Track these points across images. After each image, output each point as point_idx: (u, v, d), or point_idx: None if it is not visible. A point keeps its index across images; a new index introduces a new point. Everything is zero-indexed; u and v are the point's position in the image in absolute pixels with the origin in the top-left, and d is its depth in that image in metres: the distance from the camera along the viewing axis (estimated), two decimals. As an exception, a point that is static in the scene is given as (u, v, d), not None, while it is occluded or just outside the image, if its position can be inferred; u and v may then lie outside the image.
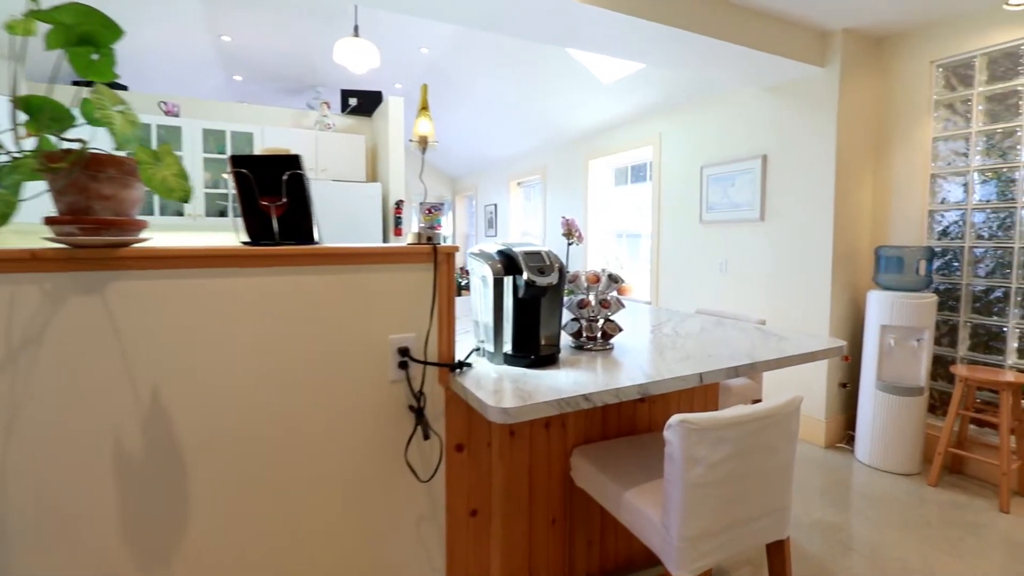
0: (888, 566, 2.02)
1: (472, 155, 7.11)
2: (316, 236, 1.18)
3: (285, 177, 1.11)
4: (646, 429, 1.71)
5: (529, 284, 1.31)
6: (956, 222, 2.89)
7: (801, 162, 3.19)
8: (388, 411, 1.23)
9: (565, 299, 1.59)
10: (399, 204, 3.58)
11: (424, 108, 1.28)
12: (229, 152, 4.09)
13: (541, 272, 1.33)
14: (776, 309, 3.35)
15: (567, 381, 1.22)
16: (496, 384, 1.20)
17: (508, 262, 1.35)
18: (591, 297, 1.58)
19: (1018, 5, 2.20)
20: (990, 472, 2.67)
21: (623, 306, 1.59)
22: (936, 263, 2.97)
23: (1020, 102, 2.62)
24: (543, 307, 1.43)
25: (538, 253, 1.37)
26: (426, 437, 1.24)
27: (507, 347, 1.39)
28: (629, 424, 1.68)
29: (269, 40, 4.55)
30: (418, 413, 1.22)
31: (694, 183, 3.93)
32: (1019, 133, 2.63)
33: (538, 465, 1.50)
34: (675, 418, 1.07)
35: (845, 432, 3.18)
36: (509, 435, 1.44)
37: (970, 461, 2.75)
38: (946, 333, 2.94)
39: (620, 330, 1.59)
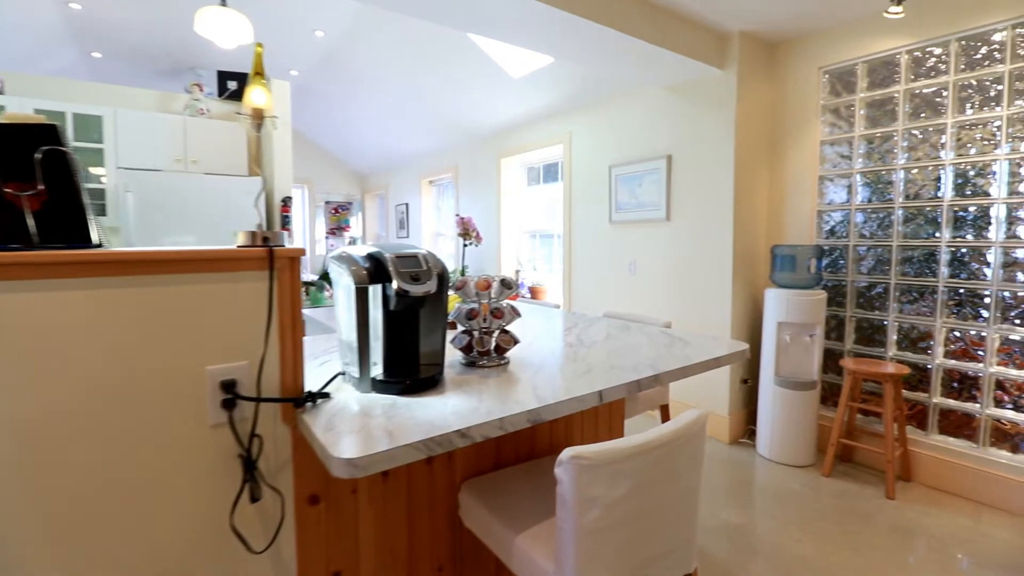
0: (791, 567, 2.01)
1: (381, 151, 6.72)
2: (94, 237, 0.88)
3: (39, 156, 0.80)
4: (547, 452, 1.54)
5: (400, 294, 1.08)
6: (841, 222, 3.04)
7: (703, 163, 3.21)
8: (210, 465, 0.95)
9: (456, 307, 1.38)
10: (286, 201, 3.20)
11: (258, 74, 1.01)
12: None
13: (415, 279, 1.11)
14: (682, 308, 3.37)
15: (446, 411, 1.01)
16: (355, 421, 0.96)
17: (376, 268, 1.12)
18: (487, 304, 1.38)
19: (896, 14, 2.30)
20: (876, 459, 2.81)
21: (518, 315, 1.41)
22: (825, 261, 3.11)
23: (896, 108, 2.78)
24: (422, 320, 1.21)
25: (413, 257, 1.15)
26: (253, 499, 0.97)
27: (377, 371, 1.15)
28: (527, 447, 1.50)
29: (130, 10, 3.94)
30: (247, 465, 0.95)
31: (603, 183, 3.88)
32: (895, 137, 2.79)
33: (419, 506, 1.27)
34: (567, 453, 0.90)
35: (747, 427, 3.25)
36: (381, 476, 1.21)
37: (859, 450, 2.89)
38: (835, 327, 3.08)
39: (516, 342, 1.41)
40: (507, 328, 1.42)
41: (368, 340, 1.10)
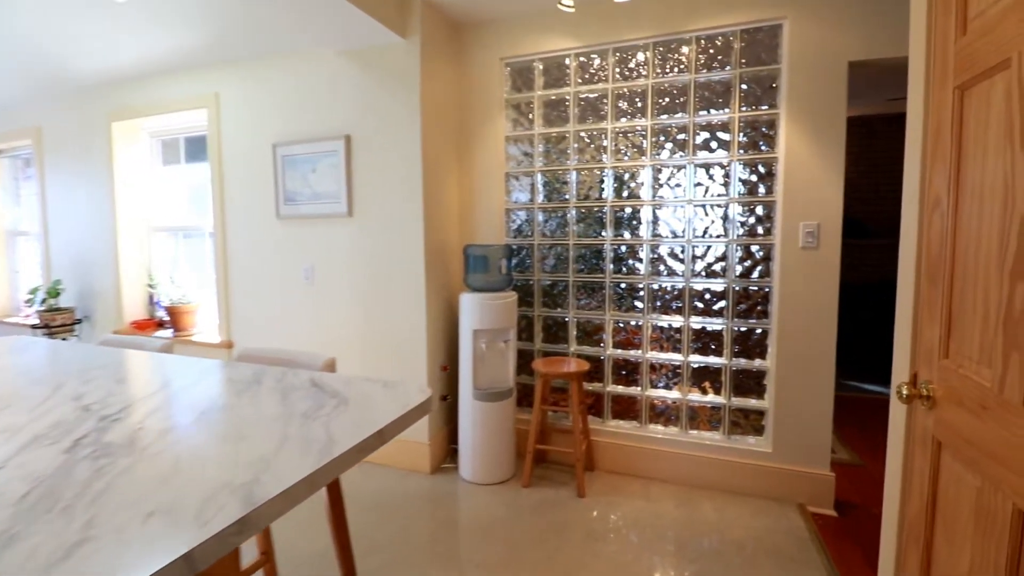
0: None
1: None
2: None
3: None
4: None
5: None
6: (527, 220, 2.97)
7: (388, 148, 2.70)
8: None
9: None
10: None
11: None
12: None
13: None
14: (371, 321, 2.81)
15: None
16: None
17: None
18: None
19: (568, 7, 2.21)
20: (567, 455, 2.83)
21: None
22: (514, 260, 3.01)
23: (568, 110, 2.81)
24: None
25: None
26: None
27: None
28: None
29: None
30: None
31: (267, 165, 3.00)
32: (568, 138, 2.82)
33: None
34: None
35: (449, 447, 2.92)
36: None
37: (552, 450, 2.88)
38: (525, 328, 3.02)
39: None
40: None
41: None
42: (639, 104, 2.66)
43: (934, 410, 1.17)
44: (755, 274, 2.54)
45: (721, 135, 2.53)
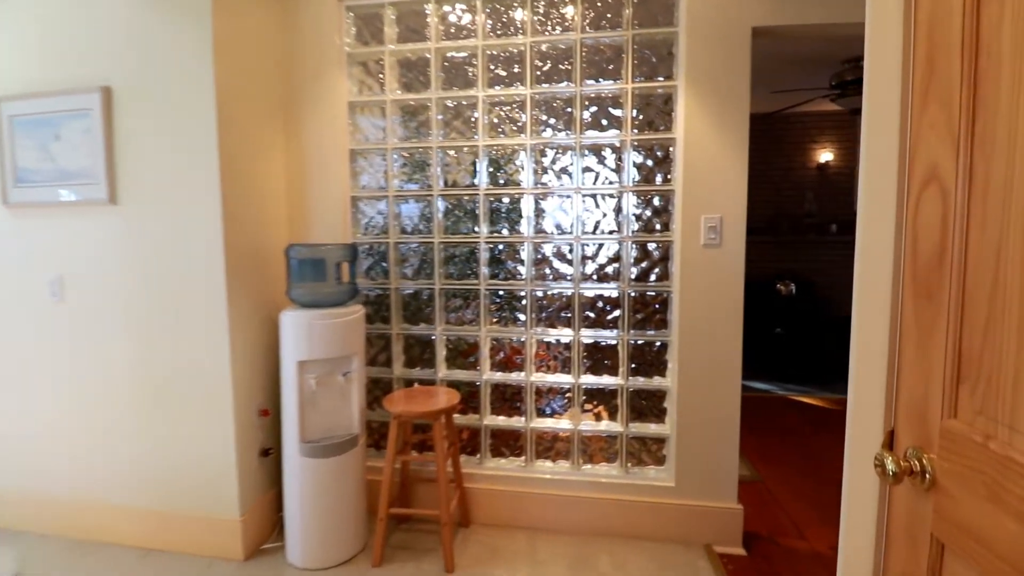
0: None
1: None
2: None
3: None
4: None
5: None
6: (380, 212, 2.33)
7: (169, 107, 1.91)
8: None
9: None
10: None
11: None
12: None
13: None
14: (153, 351, 1.99)
15: None
16: None
17: None
18: None
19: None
20: (435, 505, 2.23)
21: None
22: (366, 263, 2.35)
23: (430, 72, 2.21)
24: None
25: None
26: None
27: None
28: None
29: None
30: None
31: (-15, 126, 2.05)
32: (430, 107, 2.22)
33: None
34: None
35: (276, 518, 2.19)
36: None
37: (415, 501, 2.27)
38: (382, 349, 2.37)
39: None
40: None
41: None
42: (516, 69, 2.14)
43: (932, 492, 0.73)
44: (652, 277, 2.13)
45: (612, 111, 2.08)
